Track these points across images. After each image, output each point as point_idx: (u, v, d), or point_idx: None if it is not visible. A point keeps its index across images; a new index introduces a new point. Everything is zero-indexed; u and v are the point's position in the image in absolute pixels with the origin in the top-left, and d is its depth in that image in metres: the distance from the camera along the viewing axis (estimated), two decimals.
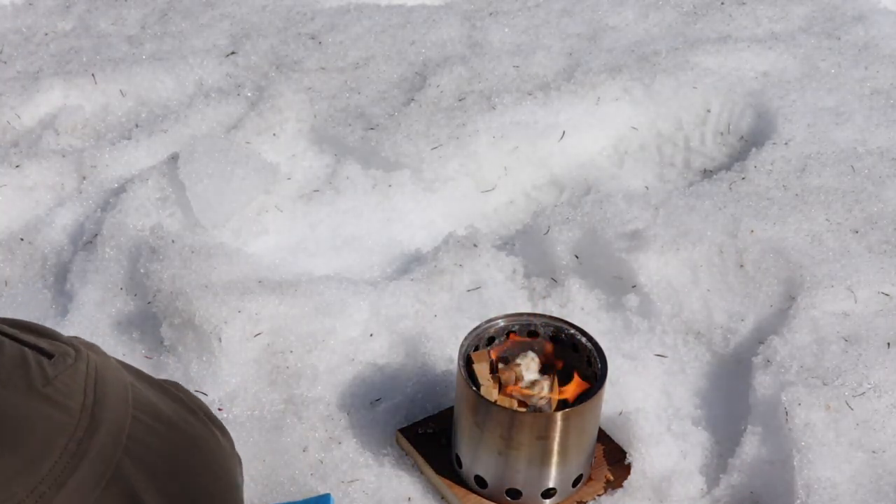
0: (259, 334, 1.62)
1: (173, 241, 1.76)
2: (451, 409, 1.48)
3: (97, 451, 0.91)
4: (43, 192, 2.01)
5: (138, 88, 2.27)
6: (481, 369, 1.42)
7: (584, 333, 1.43)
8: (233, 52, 2.41)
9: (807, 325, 1.61)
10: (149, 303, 1.70)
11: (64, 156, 2.05)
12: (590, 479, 1.45)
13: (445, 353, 1.60)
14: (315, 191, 2.05)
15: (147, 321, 1.71)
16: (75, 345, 0.97)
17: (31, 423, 0.88)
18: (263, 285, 1.69)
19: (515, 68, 2.31)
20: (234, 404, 1.55)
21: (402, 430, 1.51)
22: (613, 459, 1.48)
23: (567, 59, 2.35)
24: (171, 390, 1.20)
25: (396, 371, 1.61)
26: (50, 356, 0.93)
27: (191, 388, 1.55)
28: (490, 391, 1.40)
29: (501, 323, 1.45)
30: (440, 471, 1.45)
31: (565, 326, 1.45)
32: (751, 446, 1.47)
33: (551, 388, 1.40)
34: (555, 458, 1.37)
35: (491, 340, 1.45)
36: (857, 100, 2.19)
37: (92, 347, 1.02)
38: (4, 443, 0.84)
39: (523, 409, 1.38)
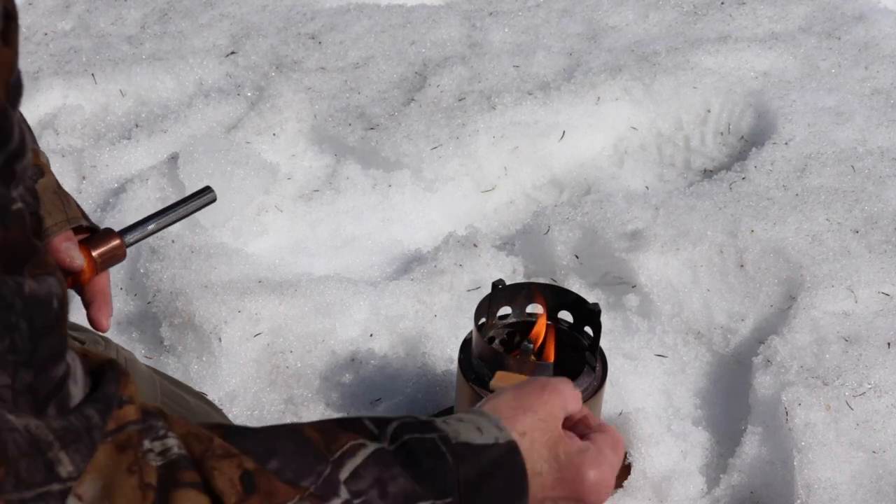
0: (259, 334, 1.62)
1: (173, 241, 1.76)
2: (451, 409, 1.48)
3: None
4: None
5: (138, 88, 2.27)
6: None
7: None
8: (233, 52, 2.40)
9: (807, 325, 1.61)
10: (149, 303, 1.70)
11: (64, 155, 2.05)
12: None
13: (445, 353, 1.60)
14: (315, 191, 2.05)
15: (147, 321, 1.71)
16: (105, 336, 0.96)
17: None
18: (263, 285, 1.69)
19: (515, 68, 2.31)
20: (234, 404, 1.55)
21: None
22: None
23: (567, 59, 2.35)
24: (193, 390, 1.21)
25: (396, 371, 1.61)
26: (81, 342, 0.91)
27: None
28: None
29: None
30: None
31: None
32: (751, 446, 1.47)
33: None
34: None
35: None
36: (857, 100, 2.19)
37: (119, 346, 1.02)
38: None
39: None
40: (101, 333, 1.07)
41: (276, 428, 0.77)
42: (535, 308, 1.44)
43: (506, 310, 1.44)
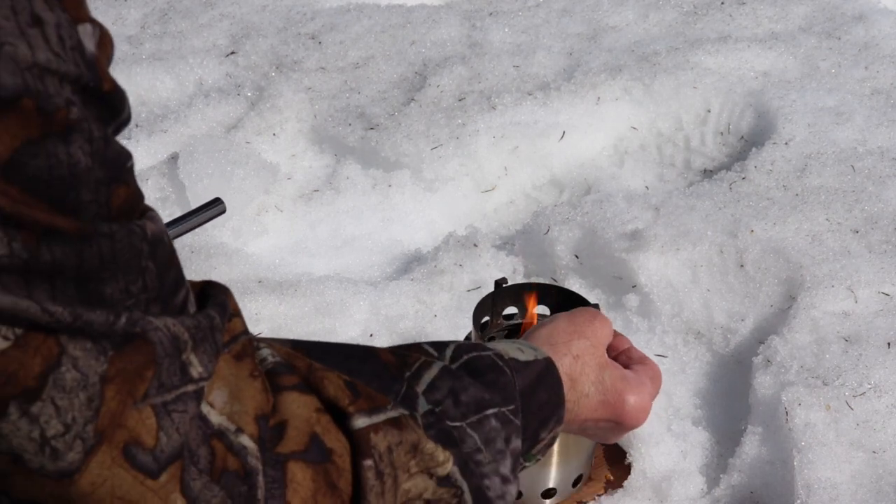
0: (259, 334, 1.62)
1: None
2: None
3: None
4: None
5: (138, 88, 2.27)
6: None
7: None
8: (233, 52, 2.41)
9: (807, 325, 1.61)
10: None
11: None
12: (590, 479, 1.45)
13: None
14: (315, 191, 2.05)
15: None
16: None
17: None
18: (263, 285, 1.69)
19: (515, 68, 2.31)
20: None
21: None
22: (613, 459, 1.48)
23: (567, 59, 2.35)
24: None
25: None
26: None
27: None
28: None
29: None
30: None
31: None
32: (751, 446, 1.47)
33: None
34: (555, 458, 1.37)
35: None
36: (857, 100, 2.19)
37: None
38: None
39: None
40: None
41: (351, 352, 0.84)
42: (541, 309, 1.44)
43: (506, 310, 1.44)
